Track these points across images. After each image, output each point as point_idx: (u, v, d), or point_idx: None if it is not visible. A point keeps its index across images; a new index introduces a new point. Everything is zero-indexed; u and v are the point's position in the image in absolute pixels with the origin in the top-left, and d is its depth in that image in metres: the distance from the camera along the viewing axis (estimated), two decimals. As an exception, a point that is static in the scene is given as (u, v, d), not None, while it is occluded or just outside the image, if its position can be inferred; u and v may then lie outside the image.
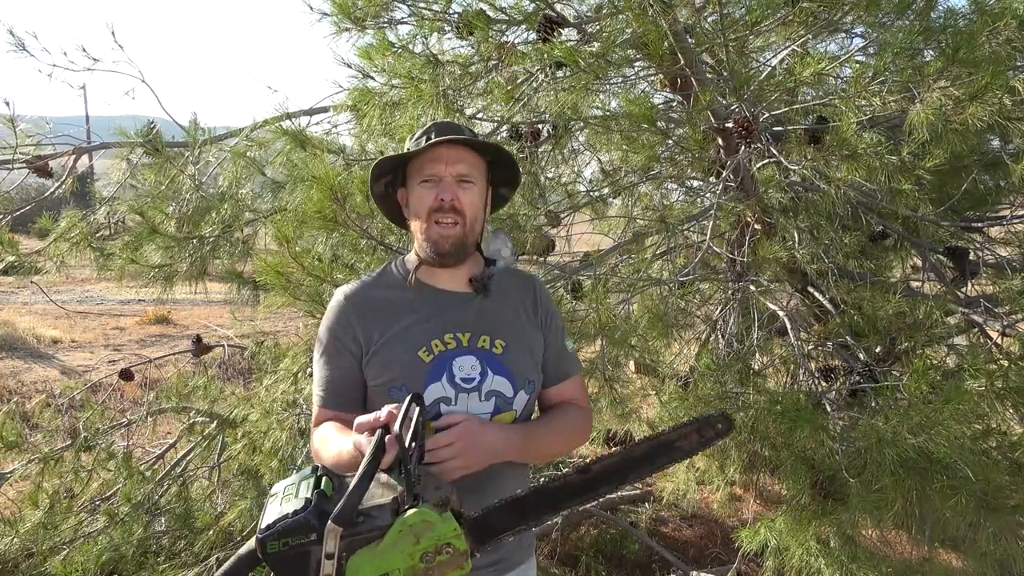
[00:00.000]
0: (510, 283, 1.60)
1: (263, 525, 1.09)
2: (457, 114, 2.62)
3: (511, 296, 1.58)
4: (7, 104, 3.28)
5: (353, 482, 1.09)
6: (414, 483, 1.13)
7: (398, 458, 1.15)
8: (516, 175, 1.64)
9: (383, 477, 1.16)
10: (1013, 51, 2.35)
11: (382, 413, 1.22)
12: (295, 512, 1.08)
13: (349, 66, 2.87)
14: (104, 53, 3.48)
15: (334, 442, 1.39)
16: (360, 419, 1.25)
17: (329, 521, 1.05)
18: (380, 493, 1.13)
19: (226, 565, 1.15)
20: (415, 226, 1.52)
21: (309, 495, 1.10)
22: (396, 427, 1.15)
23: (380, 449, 1.14)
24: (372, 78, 2.86)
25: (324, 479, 1.14)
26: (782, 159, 2.56)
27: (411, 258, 1.58)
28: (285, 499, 1.11)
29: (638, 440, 1.32)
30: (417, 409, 1.22)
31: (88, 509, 3.46)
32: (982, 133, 2.44)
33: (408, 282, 1.53)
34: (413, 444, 1.17)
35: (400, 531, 1.09)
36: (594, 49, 2.46)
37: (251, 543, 1.12)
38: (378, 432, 1.17)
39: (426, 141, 1.46)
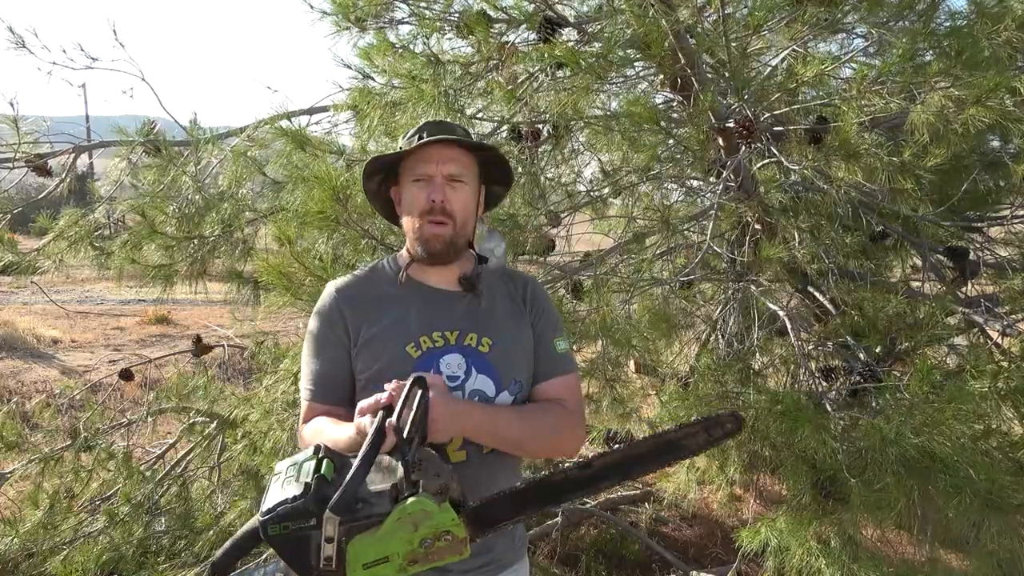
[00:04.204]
0: (503, 283, 1.59)
1: (264, 508, 1.11)
2: (458, 114, 2.62)
3: (502, 295, 1.57)
4: (12, 105, 3.28)
5: (352, 470, 1.10)
6: (412, 470, 1.13)
7: (398, 444, 1.16)
8: (509, 174, 1.62)
9: (385, 460, 1.17)
10: (1013, 52, 2.35)
11: (383, 395, 1.22)
12: (294, 498, 1.09)
13: (349, 67, 2.88)
14: (104, 52, 3.48)
15: (330, 431, 1.38)
16: (363, 402, 1.25)
17: (327, 510, 1.07)
18: (380, 479, 1.15)
19: (230, 541, 1.18)
20: (407, 224, 1.52)
21: (309, 479, 1.11)
22: (397, 410, 1.16)
23: (379, 435, 1.15)
24: (372, 79, 2.86)
25: (325, 461, 1.15)
26: (783, 159, 2.56)
27: (403, 255, 1.58)
28: (287, 481, 1.13)
29: (643, 438, 1.31)
30: (419, 392, 1.22)
31: (88, 509, 3.45)
32: (982, 133, 2.44)
33: (399, 279, 1.53)
34: (413, 430, 1.17)
35: (398, 519, 1.10)
36: (595, 49, 2.46)
37: (254, 521, 1.14)
38: (379, 415, 1.17)
39: (418, 140, 1.46)
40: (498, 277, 1.60)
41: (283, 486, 1.12)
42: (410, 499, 1.11)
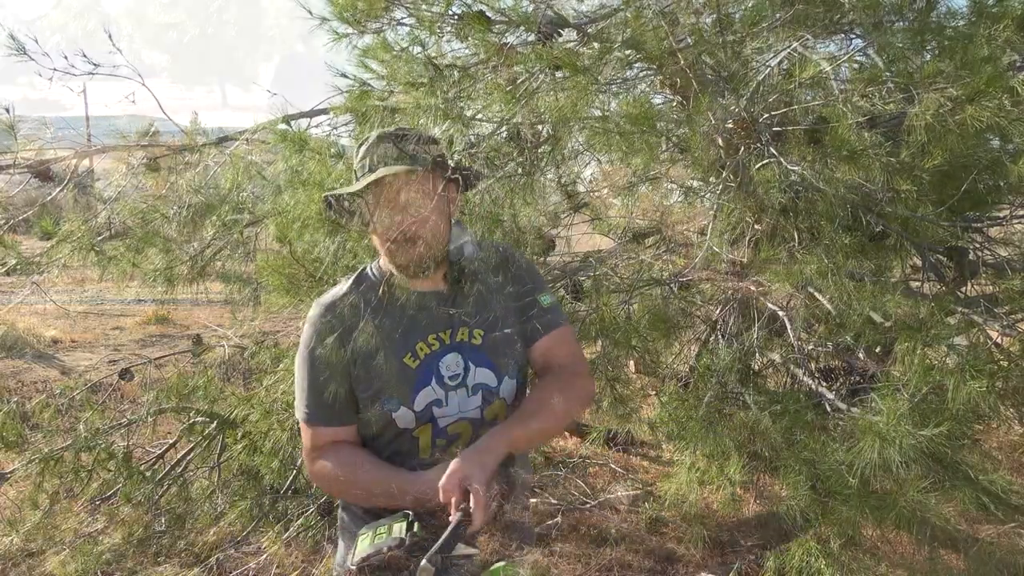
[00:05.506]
0: (482, 264, 1.57)
1: (358, 557, 1.12)
2: (457, 119, 2.62)
3: (484, 276, 1.55)
4: (7, 110, 3.27)
5: (448, 530, 1.11)
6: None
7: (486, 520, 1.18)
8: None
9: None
10: (1012, 52, 2.35)
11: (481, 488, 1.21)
12: (389, 548, 1.11)
13: (345, 76, 2.90)
14: (104, 57, 3.47)
15: (382, 469, 1.39)
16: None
17: (424, 560, 1.07)
18: (466, 547, 1.16)
19: None
20: (379, 246, 1.50)
21: (403, 535, 1.14)
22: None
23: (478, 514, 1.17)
24: (370, 85, 2.86)
25: (416, 524, 1.18)
26: (781, 159, 2.57)
27: (385, 262, 1.54)
28: (377, 536, 1.15)
29: None
30: (517, 480, 1.26)
31: (88, 509, 3.46)
32: (981, 133, 2.44)
33: (381, 291, 1.50)
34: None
35: None
36: (594, 51, 2.47)
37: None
38: (492, 496, 1.19)
39: (369, 167, 1.42)
40: (476, 261, 1.57)
41: (373, 541, 1.14)
42: (500, 563, 1.12)
